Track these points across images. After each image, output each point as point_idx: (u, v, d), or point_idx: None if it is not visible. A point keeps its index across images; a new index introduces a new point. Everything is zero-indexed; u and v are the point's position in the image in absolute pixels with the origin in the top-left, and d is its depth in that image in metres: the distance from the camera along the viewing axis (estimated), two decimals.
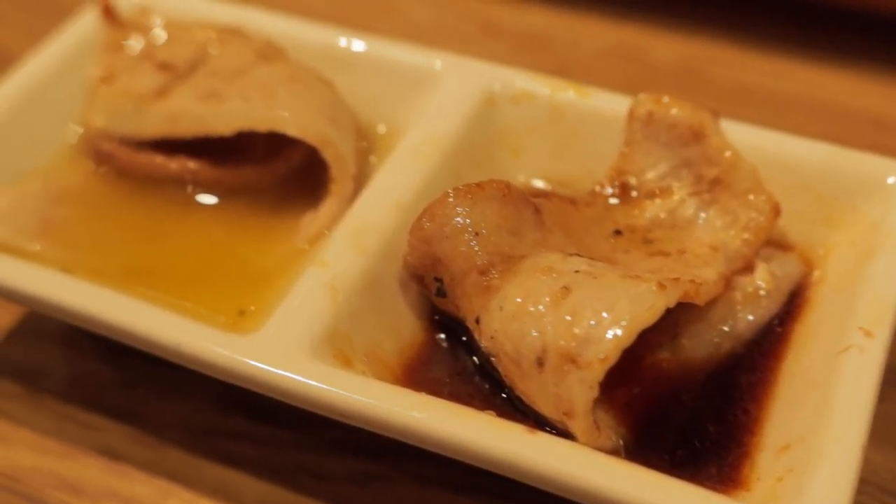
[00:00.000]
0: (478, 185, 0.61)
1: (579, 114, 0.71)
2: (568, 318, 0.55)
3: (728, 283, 0.62)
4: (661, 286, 0.55)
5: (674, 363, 0.62)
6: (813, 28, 0.91)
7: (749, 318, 0.63)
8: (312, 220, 0.69)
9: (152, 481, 0.66)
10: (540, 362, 0.56)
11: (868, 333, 0.57)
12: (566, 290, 0.56)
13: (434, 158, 0.68)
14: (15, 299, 0.66)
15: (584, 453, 0.53)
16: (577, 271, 0.57)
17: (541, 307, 0.56)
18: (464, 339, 0.63)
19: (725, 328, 0.63)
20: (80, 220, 0.71)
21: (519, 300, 0.57)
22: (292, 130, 0.67)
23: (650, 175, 0.67)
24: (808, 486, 0.52)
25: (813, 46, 0.90)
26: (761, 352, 0.63)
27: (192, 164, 0.72)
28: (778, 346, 0.63)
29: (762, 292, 0.64)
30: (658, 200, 0.67)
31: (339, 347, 0.60)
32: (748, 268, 0.64)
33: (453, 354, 0.63)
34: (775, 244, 0.66)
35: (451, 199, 0.61)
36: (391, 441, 0.57)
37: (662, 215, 0.66)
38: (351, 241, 0.63)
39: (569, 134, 0.71)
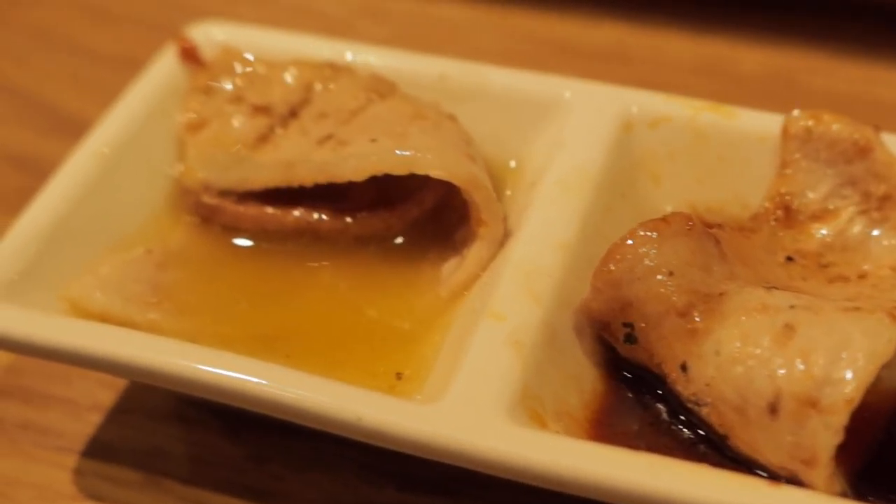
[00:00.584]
0: (663, 220, 0.57)
1: (723, 135, 0.67)
2: (800, 358, 0.51)
3: None
4: (893, 316, 0.52)
5: (873, 395, 0.58)
6: None
7: None
8: (458, 268, 0.63)
9: None
10: (773, 409, 0.51)
11: None
12: (789, 328, 0.52)
13: (584, 192, 0.63)
14: (143, 377, 0.59)
15: None
16: (792, 307, 0.53)
17: (766, 349, 0.52)
18: (658, 391, 0.58)
19: None
20: (192, 284, 0.65)
21: (738, 344, 0.53)
22: (438, 172, 0.61)
23: (811, 196, 0.64)
24: None
25: None
26: None
27: (313, 215, 0.66)
28: None
29: None
30: (824, 222, 0.63)
31: (532, 408, 0.55)
32: None
33: (639, 404, 0.59)
34: None
35: (637, 238, 0.56)
36: (554, 499, 0.52)
37: (830, 237, 0.63)
38: (524, 289, 0.58)
39: (713, 157, 0.67)
